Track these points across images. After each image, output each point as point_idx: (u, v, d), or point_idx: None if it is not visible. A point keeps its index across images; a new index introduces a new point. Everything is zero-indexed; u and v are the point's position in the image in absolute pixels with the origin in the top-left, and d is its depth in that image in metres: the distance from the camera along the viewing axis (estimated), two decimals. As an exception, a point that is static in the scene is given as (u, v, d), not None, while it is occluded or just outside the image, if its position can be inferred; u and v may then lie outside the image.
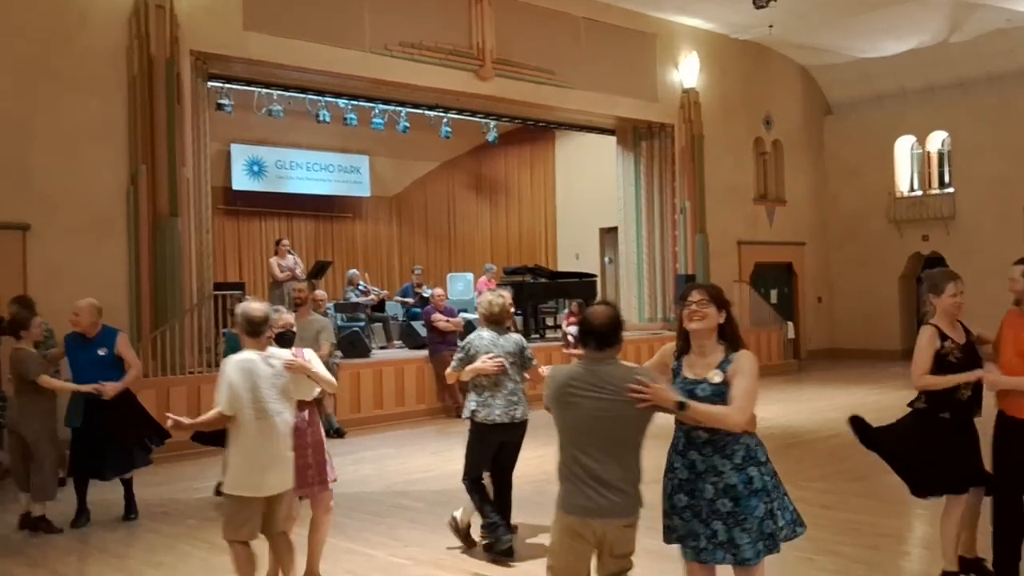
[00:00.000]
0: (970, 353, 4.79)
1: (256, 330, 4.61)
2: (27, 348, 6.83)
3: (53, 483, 6.85)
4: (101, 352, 6.91)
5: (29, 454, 6.76)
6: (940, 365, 4.74)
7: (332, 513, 5.32)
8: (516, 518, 6.11)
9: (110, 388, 6.77)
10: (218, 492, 8.10)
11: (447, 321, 12.30)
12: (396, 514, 7.10)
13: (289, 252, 13.31)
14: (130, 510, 7.11)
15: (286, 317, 5.20)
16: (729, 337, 3.68)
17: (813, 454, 9.21)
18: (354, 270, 16.11)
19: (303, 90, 14.52)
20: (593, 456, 3.45)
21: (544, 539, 5.44)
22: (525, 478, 6.68)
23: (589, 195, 19.53)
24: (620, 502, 3.46)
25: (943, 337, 4.74)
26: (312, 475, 5.10)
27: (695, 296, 3.67)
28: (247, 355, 4.59)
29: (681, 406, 3.46)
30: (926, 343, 4.74)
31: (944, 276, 4.87)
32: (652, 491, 3.66)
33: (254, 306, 4.65)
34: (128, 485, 7.14)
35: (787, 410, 12.24)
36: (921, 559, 5.66)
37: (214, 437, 6.11)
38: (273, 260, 13.27)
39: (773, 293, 18.84)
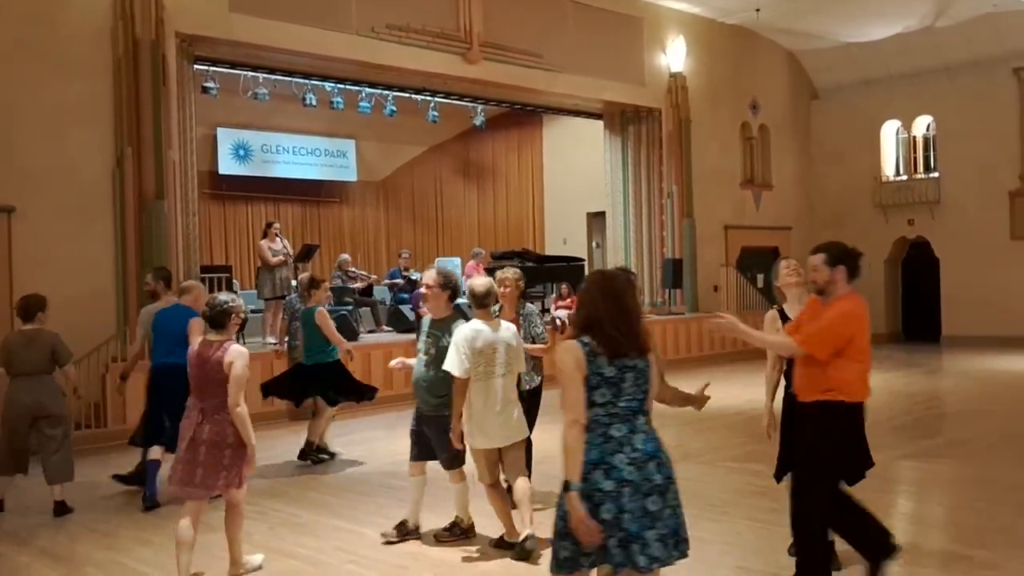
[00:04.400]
0: None
1: (481, 302, 5.39)
2: None
3: None
4: None
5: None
6: None
7: (245, 500, 5.26)
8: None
9: None
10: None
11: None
12: (385, 493, 7.13)
13: (278, 235, 13.23)
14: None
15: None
16: None
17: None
18: (345, 255, 16.03)
19: (289, 73, 14.44)
20: None
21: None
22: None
23: (577, 179, 19.55)
24: None
25: (783, 318, 5.04)
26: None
27: None
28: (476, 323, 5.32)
29: None
30: (768, 325, 5.13)
31: (777, 263, 5.32)
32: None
33: (478, 281, 5.46)
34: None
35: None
36: (905, 532, 5.73)
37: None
38: (264, 243, 13.12)
39: (760, 277, 18.91)
